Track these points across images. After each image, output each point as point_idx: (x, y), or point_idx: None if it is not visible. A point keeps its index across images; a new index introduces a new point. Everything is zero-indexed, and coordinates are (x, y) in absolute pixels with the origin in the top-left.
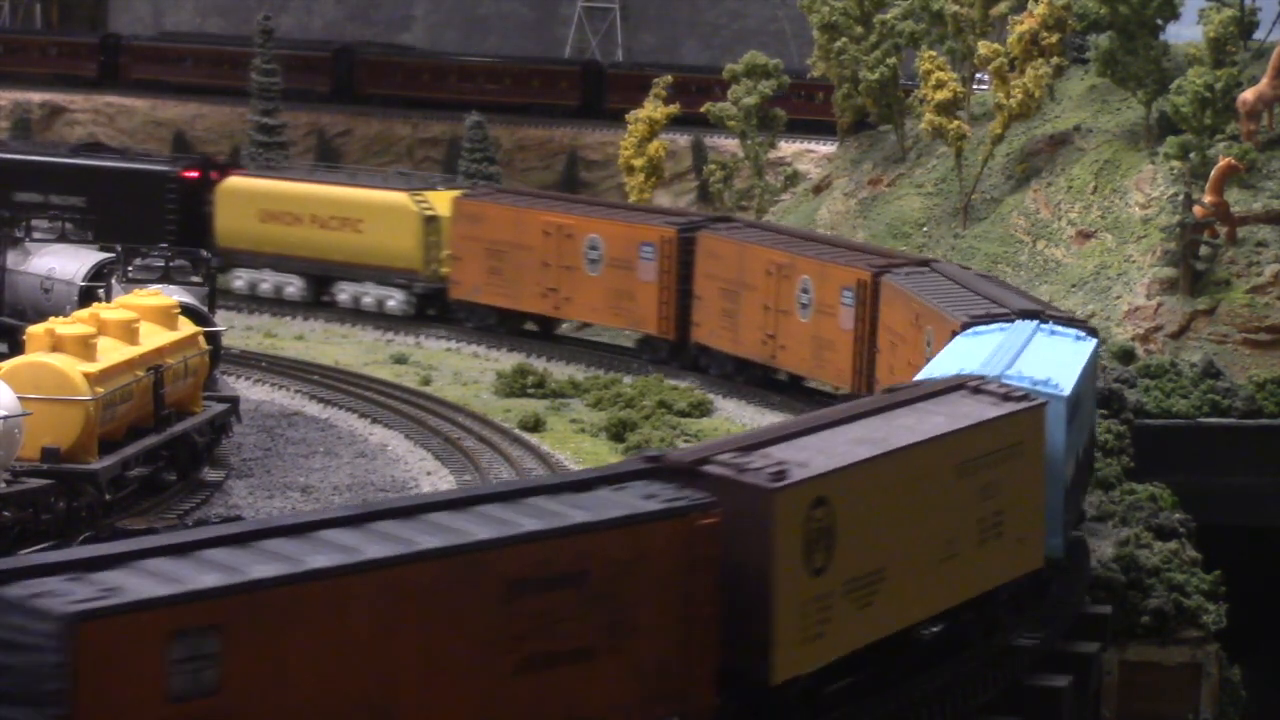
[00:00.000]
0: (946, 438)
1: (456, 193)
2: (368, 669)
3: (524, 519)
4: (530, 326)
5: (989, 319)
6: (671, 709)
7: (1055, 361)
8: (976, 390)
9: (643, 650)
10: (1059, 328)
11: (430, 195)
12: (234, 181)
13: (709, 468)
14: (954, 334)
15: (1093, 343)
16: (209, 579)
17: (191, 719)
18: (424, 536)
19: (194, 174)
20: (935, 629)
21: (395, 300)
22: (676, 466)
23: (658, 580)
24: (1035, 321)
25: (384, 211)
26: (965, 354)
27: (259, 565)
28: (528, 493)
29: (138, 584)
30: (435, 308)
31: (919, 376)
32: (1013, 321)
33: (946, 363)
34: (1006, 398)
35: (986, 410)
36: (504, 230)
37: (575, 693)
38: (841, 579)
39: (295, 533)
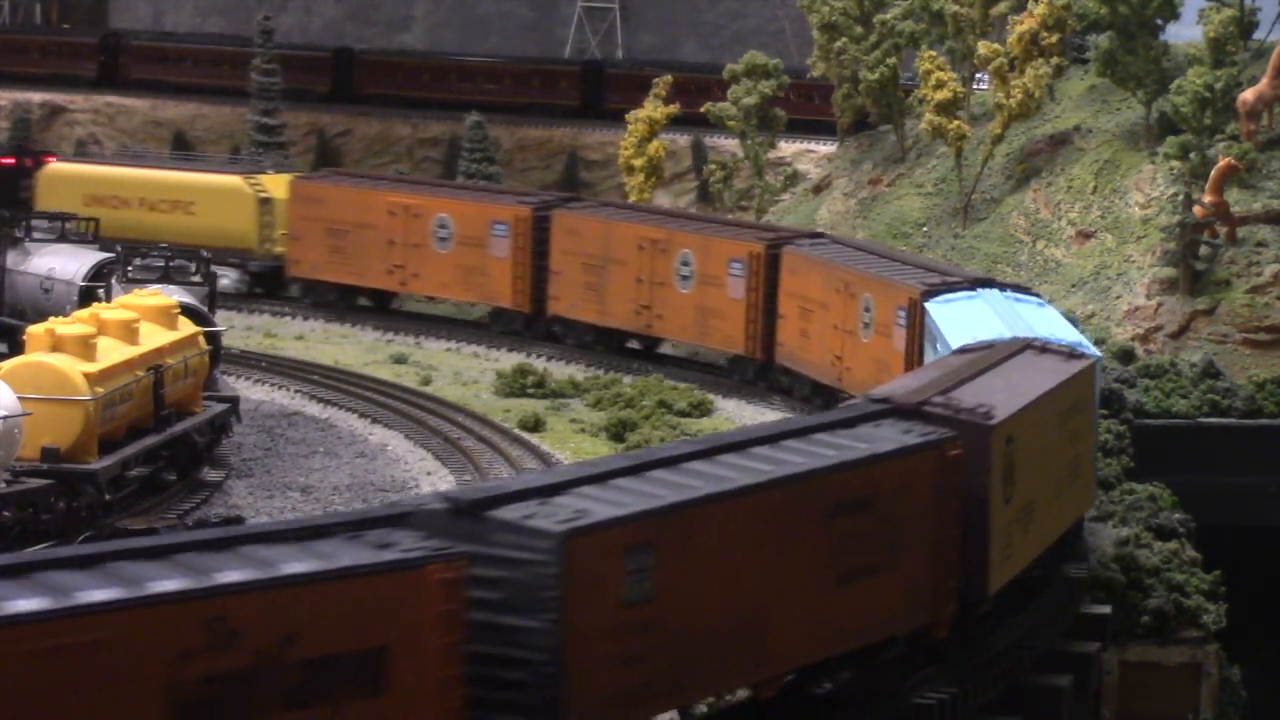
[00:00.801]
0: (1057, 389)
1: (289, 176)
2: (745, 579)
3: (825, 451)
4: (365, 302)
5: (947, 287)
6: (925, 619)
7: (1057, 326)
8: (1043, 350)
9: (909, 567)
10: (1019, 295)
11: (263, 179)
12: (56, 167)
13: (929, 408)
14: (912, 301)
15: (1050, 307)
16: (639, 503)
17: (637, 623)
18: (764, 466)
19: (9, 161)
20: None
21: (229, 279)
22: (904, 407)
23: (918, 505)
24: (995, 289)
25: (218, 194)
26: (977, 320)
27: (662, 491)
28: (813, 430)
29: (590, 507)
30: (269, 285)
31: (962, 344)
32: (974, 289)
33: (964, 328)
34: (1070, 356)
35: (1065, 367)
36: (345, 211)
37: (867, 603)
38: (1017, 508)
39: (669, 464)
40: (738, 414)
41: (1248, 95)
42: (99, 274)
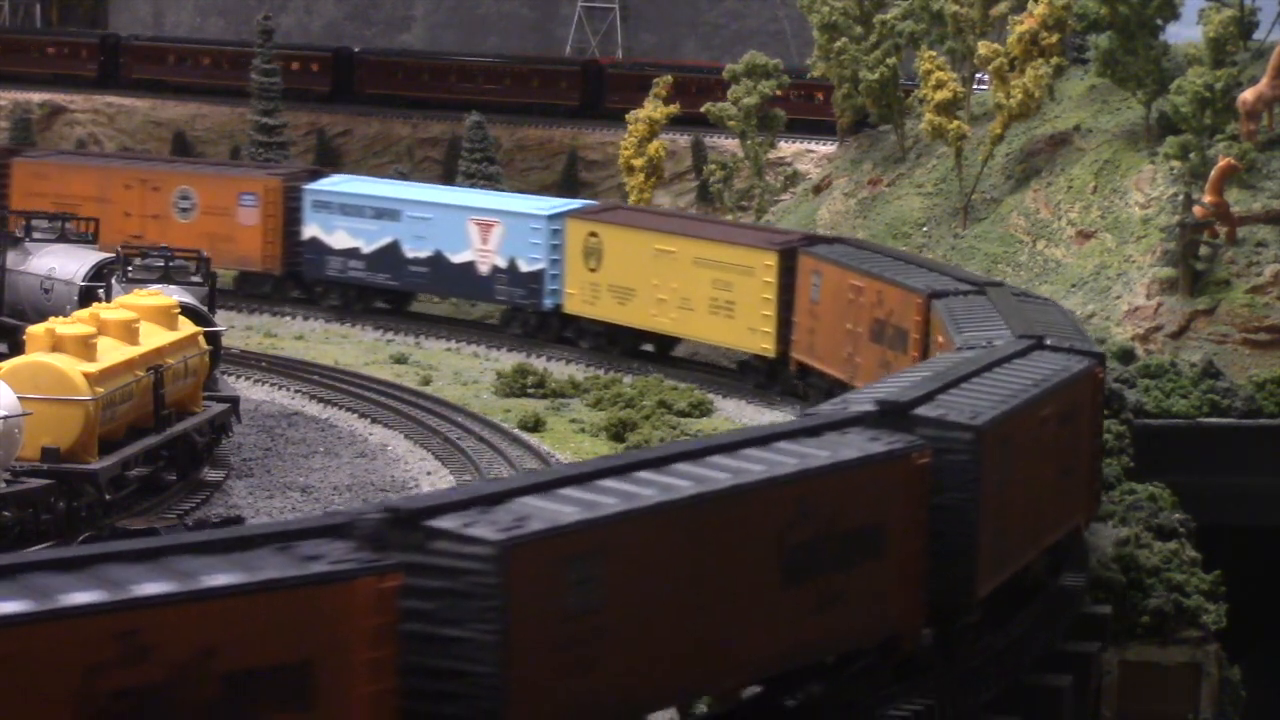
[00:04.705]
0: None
1: None
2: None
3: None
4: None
5: (302, 177)
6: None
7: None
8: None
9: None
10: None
11: None
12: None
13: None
14: (268, 188)
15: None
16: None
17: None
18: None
19: None
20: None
21: None
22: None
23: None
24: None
25: None
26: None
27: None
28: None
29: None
30: None
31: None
32: (328, 175)
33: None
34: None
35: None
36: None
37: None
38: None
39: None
40: (738, 414)
41: (1248, 95)
42: (99, 274)
